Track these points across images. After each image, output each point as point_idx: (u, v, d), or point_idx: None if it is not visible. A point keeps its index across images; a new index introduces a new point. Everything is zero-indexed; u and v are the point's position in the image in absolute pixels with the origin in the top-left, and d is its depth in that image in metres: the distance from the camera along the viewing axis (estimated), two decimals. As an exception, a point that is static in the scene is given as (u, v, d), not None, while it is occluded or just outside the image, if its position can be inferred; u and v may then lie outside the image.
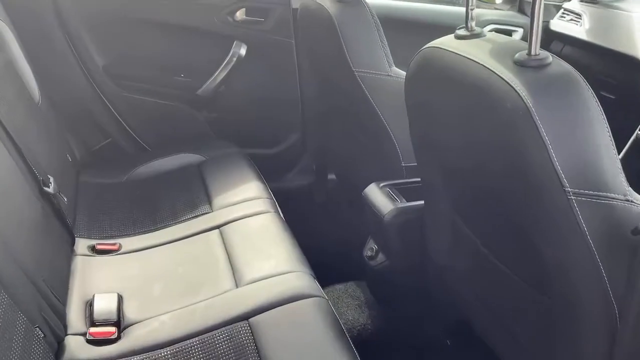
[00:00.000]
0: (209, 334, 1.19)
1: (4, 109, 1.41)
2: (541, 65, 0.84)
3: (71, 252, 1.47)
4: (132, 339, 1.21)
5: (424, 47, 1.07)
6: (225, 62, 2.10)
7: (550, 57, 0.85)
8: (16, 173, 1.31)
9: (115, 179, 1.88)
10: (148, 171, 1.91)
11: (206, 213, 1.65)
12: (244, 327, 1.20)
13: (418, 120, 1.19)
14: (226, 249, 1.47)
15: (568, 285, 0.89)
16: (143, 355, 1.16)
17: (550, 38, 2.20)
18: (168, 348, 1.17)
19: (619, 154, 0.86)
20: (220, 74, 2.11)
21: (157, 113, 2.14)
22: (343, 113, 1.84)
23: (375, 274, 1.57)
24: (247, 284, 1.32)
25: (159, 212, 1.68)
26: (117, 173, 1.90)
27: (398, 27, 2.18)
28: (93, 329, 1.22)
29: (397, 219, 1.43)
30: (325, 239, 1.90)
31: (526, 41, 0.87)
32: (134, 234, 1.59)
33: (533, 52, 0.85)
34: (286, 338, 1.18)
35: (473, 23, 1.02)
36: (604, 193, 0.80)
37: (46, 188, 1.40)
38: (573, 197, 0.79)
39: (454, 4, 2.48)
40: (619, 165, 0.82)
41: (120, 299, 1.31)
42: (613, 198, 0.80)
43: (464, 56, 0.94)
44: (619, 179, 0.81)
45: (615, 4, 2.05)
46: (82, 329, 1.23)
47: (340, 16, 1.54)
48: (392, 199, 1.48)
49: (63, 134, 1.92)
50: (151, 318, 1.26)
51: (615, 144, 0.83)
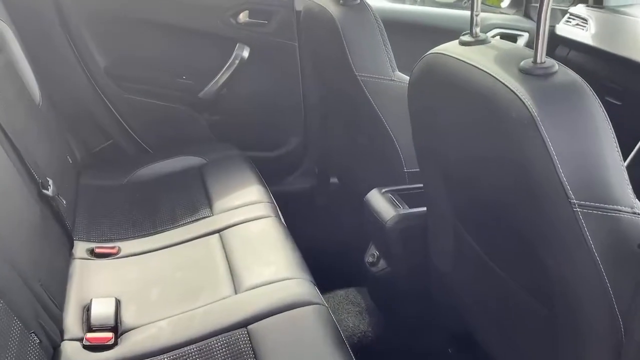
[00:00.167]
0: (207, 341, 1.17)
1: (3, 110, 1.40)
2: (547, 73, 0.82)
3: (69, 256, 1.46)
4: (129, 345, 1.19)
5: (428, 53, 1.05)
6: (227, 65, 2.08)
7: (556, 66, 0.84)
8: (14, 175, 1.30)
9: (115, 181, 1.86)
10: (149, 173, 1.90)
11: (206, 217, 1.64)
12: (243, 335, 1.18)
13: (421, 126, 1.18)
14: (226, 254, 1.46)
15: (572, 298, 0.88)
16: (140, 362, 1.15)
17: (555, 43, 2.18)
18: (165, 355, 1.15)
19: (625, 161, 0.84)
20: (222, 77, 2.09)
21: (159, 115, 2.13)
22: (345, 116, 1.82)
23: (376, 281, 1.56)
24: (247, 290, 1.31)
25: (159, 216, 1.67)
26: (118, 175, 1.89)
27: (402, 31, 2.17)
28: (90, 335, 1.20)
29: (399, 226, 1.41)
30: (326, 244, 1.88)
31: (531, 47, 0.85)
32: (134, 238, 1.58)
33: (539, 60, 0.83)
34: (284, 346, 1.16)
35: (478, 29, 1.00)
36: (611, 205, 0.78)
37: (45, 191, 1.39)
38: (579, 210, 0.78)
39: (459, 8, 2.46)
40: (626, 177, 0.80)
41: (118, 304, 1.30)
42: (620, 210, 0.79)
43: (468, 63, 0.92)
44: (626, 191, 0.80)
45: (621, 9, 2.03)
46: (79, 334, 1.21)
47: (343, 19, 1.53)
48: (394, 205, 1.46)
49: (63, 135, 1.91)
50: (149, 324, 1.25)
51: (620, 151, 0.81)
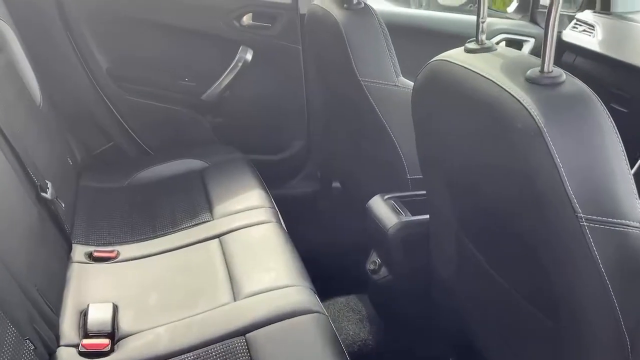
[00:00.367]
0: (205, 349, 1.16)
1: (3, 111, 1.39)
2: (554, 83, 0.80)
3: (67, 259, 1.45)
4: (126, 352, 1.18)
5: (432, 60, 1.03)
6: (230, 67, 2.07)
7: (563, 75, 0.82)
8: (12, 178, 1.28)
9: (116, 184, 1.85)
10: (149, 176, 1.89)
11: (207, 221, 1.62)
12: (241, 343, 1.16)
13: (424, 133, 1.16)
14: (225, 260, 1.44)
15: (578, 312, 0.86)
16: (136, 369, 1.13)
17: (562, 49, 2.16)
18: (162, 363, 1.14)
19: (632, 168, 0.82)
20: (225, 79, 2.08)
21: (161, 117, 2.12)
22: (349, 121, 1.80)
23: (377, 288, 1.54)
24: (246, 297, 1.29)
25: (159, 219, 1.65)
26: (118, 177, 1.87)
27: (407, 35, 2.15)
28: (86, 341, 1.19)
29: (401, 233, 1.39)
30: (327, 249, 1.87)
31: (538, 53, 0.83)
32: (133, 242, 1.56)
33: (546, 69, 0.81)
34: (283, 355, 1.14)
35: (484, 36, 0.98)
36: (618, 220, 0.76)
37: (43, 194, 1.37)
38: (585, 224, 0.76)
39: (465, 11, 2.44)
40: (635, 190, 0.78)
41: (115, 309, 1.28)
42: (628, 225, 0.76)
43: (474, 71, 0.90)
44: (635, 205, 0.77)
45: (629, 16, 2.01)
46: (75, 340, 1.20)
47: (347, 24, 1.51)
48: (397, 212, 1.44)
49: (64, 137, 1.90)
50: (146, 330, 1.23)
51: (627, 159, 0.79)
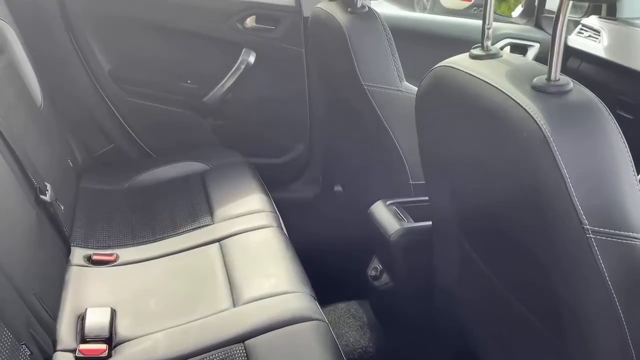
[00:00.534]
0: (203, 356, 1.14)
1: (3, 113, 1.38)
2: (561, 91, 0.79)
3: (66, 262, 1.43)
4: (123, 358, 1.16)
5: (437, 66, 1.02)
6: (233, 70, 2.06)
7: (571, 83, 0.80)
8: (11, 180, 1.27)
9: (116, 186, 1.84)
10: (150, 178, 1.88)
11: (207, 225, 1.61)
12: (239, 350, 1.15)
13: (428, 140, 1.14)
14: (225, 265, 1.43)
15: (583, 325, 0.84)
16: (133, 376, 1.12)
17: (567, 54, 2.14)
18: (159, 369, 1.13)
19: (638, 176, 0.80)
20: (227, 82, 2.07)
21: (162, 119, 2.10)
22: (351, 125, 1.79)
23: (378, 295, 1.52)
24: (245, 303, 1.28)
25: (159, 222, 1.64)
26: (119, 179, 1.86)
27: (411, 39, 2.14)
28: (83, 346, 1.18)
29: (403, 240, 1.38)
30: (328, 254, 1.85)
31: (543, 58, 0.81)
32: (132, 245, 1.55)
33: (553, 77, 0.80)
34: (282, 363, 1.13)
35: (489, 42, 0.97)
36: (626, 233, 0.74)
37: (42, 196, 1.36)
38: (592, 236, 0.74)
39: (469, 15, 2.42)
40: (643, 200, 0.76)
41: (113, 314, 1.27)
42: (635, 238, 0.75)
43: (479, 78, 0.89)
44: (643, 218, 0.76)
45: (635, 21, 1.99)
46: (72, 345, 1.18)
47: (351, 28, 1.50)
48: (399, 218, 1.43)
49: (65, 138, 1.88)
50: (144, 336, 1.22)
51: (635, 168, 0.77)
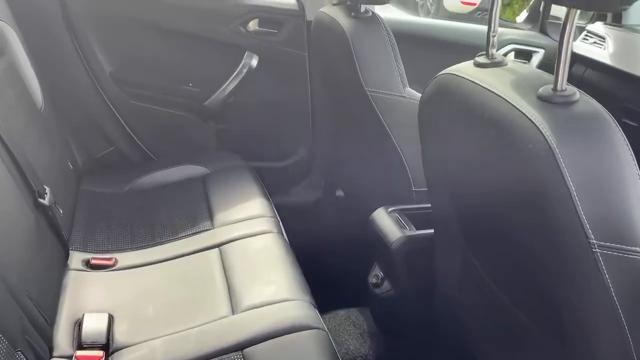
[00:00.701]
0: (201, 364, 1.13)
1: (2, 115, 1.37)
2: (567, 102, 0.77)
3: (64, 267, 1.42)
4: (120, 365, 1.15)
5: (441, 73, 1.00)
6: (235, 73, 2.04)
7: (577, 94, 0.79)
8: (9, 183, 1.26)
9: (116, 189, 1.83)
10: (151, 182, 1.86)
11: (207, 230, 1.59)
12: (238, 359, 1.13)
13: (431, 147, 1.13)
14: (225, 271, 1.41)
15: (586, 337, 0.82)
16: (130, 383, 1.10)
17: (572, 61, 2.12)
18: (157, 377, 1.11)
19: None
20: (229, 85, 2.05)
21: (164, 122, 2.09)
22: (354, 130, 1.78)
23: (379, 303, 1.50)
24: (244, 311, 1.26)
25: (159, 227, 1.62)
26: (119, 182, 1.85)
27: (415, 44, 2.13)
28: (79, 352, 1.16)
29: (405, 248, 1.36)
30: (329, 259, 1.83)
31: (547, 64, 0.80)
32: (131, 249, 1.54)
33: (559, 87, 0.78)
34: (281, 373, 1.11)
35: (494, 50, 0.95)
36: (633, 248, 0.72)
37: (41, 200, 1.35)
38: (598, 250, 0.72)
39: (473, 19, 2.41)
40: (651, 216, 0.74)
41: (111, 320, 1.25)
42: (643, 253, 0.73)
43: (483, 86, 0.87)
44: (651, 232, 0.74)
45: (640, 28, 1.98)
46: (69, 352, 1.17)
47: (354, 33, 1.48)
48: (401, 226, 1.41)
49: (65, 141, 1.87)
50: (142, 342, 1.20)
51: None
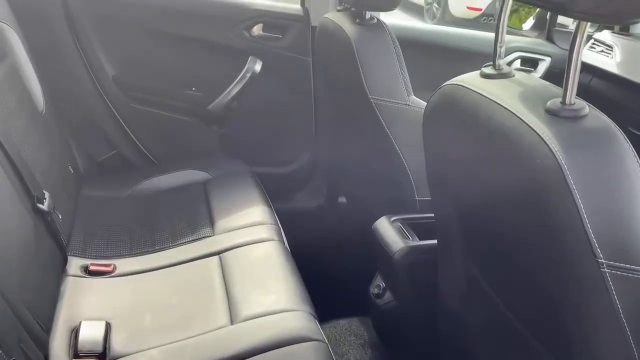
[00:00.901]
0: (198, 376, 1.11)
1: (2, 119, 1.35)
2: (576, 116, 0.75)
3: (62, 273, 1.40)
4: (117, 375, 1.13)
5: (446, 84, 0.98)
6: (239, 78, 2.03)
7: (586, 108, 0.77)
8: (8, 188, 1.24)
9: (117, 193, 1.81)
10: (152, 186, 1.85)
11: (207, 236, 1.58)
12: (236, 370, 1.12)
13: (435, 158, 1.11)
14: (224, 279, 1.39)
15: (593, 358, 0.80)
16: (126, 394, 1.09)
17: (578, 69, 2.10)
18: (153, 388, 1.09)
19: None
20: (233, 90, 2.04)
21: (166, 126, 2.08)
22: (357, 138, 1.76)
23: (381, 313, 1.48)
24: (243, 321, 1.24)
25: (159, 232, 1.61)
26: (120, 187, 1.84)
27: (420, 51, 2.11)
28: (75, 361, 1.15)
29: (408, 258, 1.34)
30: (330, 267, 1.82)
31: (553, 73, 0.78)
32: (131, 255, 1.52)
33: (568, 101, 0.76)
34: (279, 386, 1.09)
35: (501, 61, 0.93)
36: (643, 268, 0.71)
37: (40, 205, 1.33)
38: (607, 270, 0.70)
39: (479, 24, 2.39)
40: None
41: (108, 328, 1.24)
42: (653, 274, 0.71)
43: (490, 99, 0.85)
44: (661, 252, 0.72)
45: (649, 38, 1.96)
46: (65, 360, 1.15)
47: (358, 40, 1.47)
48: (404, 236, 1.39)
49: (67, 144, 1.86)
50: (139, 352, 1.19)
51: None
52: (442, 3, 6.85)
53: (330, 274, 1.75)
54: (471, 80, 0.94)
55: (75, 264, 1.45)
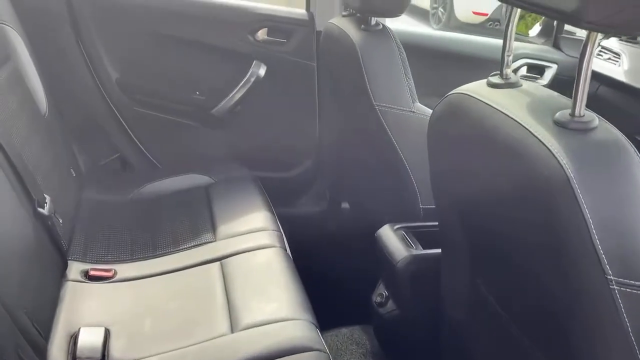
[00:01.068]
0: (197, 385, 1.10)
1: (4, 122, 1.34)
2: (586, 129, 0.74)
3: (62, 278, 1.39)
4: (115, 382, 1.12)
5: (452, 93, 0.97)
6: (243, 82, 2.02)
7: (596, 120, 0.75)
8: (8, 192, 1.23)
9: (119, 197, 1.80)
10: (154, 190, 1.84)
11: (209, 242, 1.56)
12: (235, 380, 1.10)
13: (439, 167, 1.09)
14: (225, 286, 1.38)
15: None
16: (124, 403, 1.07)
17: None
18: (151, 397, 1.08)
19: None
20: (237, 94, 2.03)
21: (169, 130, 2.07)
22: (361, 144, 1.75)
23: (383, 322, 1.47)
24: (243, 329, 1.23)
25: (160, 237, 1.59)
26: (122, 190, 1.83)
27: (425, 56, 2.10)
28: (74, 368, 1.13)
29: (411, 267, 1.33)
30: (332, 274, 1.80)
31: (560, 80, 0.77)
32: (131, 260, 1.51)
33: (577, 113, 0.75)
34: (279, 397, 1.08)
35: (509, 70, 0.92)
36: (654, 286, 0.69)
37: (40, 209, 1.32)
38: (616, 287, 0.68)
39: (485, 29, 2.38)
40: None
41: (107, 334, 1.22)
42: (663, 292, 0.69)
43: (497, 109, 0.84)
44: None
45: (657, 45, 1.94)
46: (63, 367, 1.14)
47: (364, 46, 1.45)
48: (407, 245, 1.38)
49: (69, 147, 1.85)
50: (138, 359, 1.17)
51: None
52: (448, 7, 6.84)
53: (332, 281, 1.73)
54: (478, 89, 0.92)
55: (75, 269, 1.43)
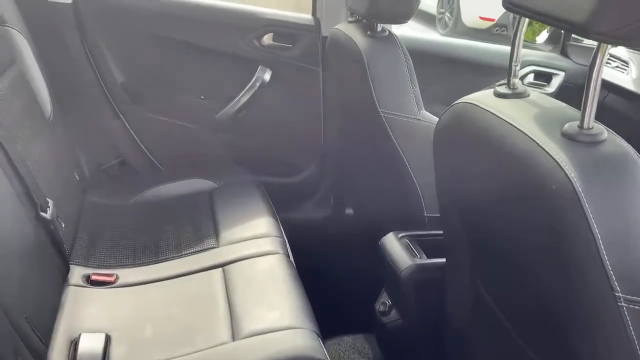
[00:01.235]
0: (197, 394, 1.09)
1: (8, 126, 1.34)
2: (594, 141, 0.72)
3: (63, 282, 1.39)
4: (115, 390, 1.11)
5: (458, 102, 0.96)
6: (248, 87, 2.01)
7: (605, 133, 0.74)
8: (11, 196, 1.23)
9: (122, 201, 1.80)
10: (157, 195, 1.83)
11: (212, 248, 1.55)
12: (236, 389, 1.09)
13: (444, 176, 1.08)
14: (227, 293, 1.37)
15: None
16: (123, 411, 1.06)
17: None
18: (151, 405, 1.07)
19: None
20: (241, 99, 2.02)
21: (173, 134, 2.06)
22: (365, 151, 1.74)
23: (386, 331, 1.45)
24: (245, 338, 1.22)
25: (163, 243, 1.59)
26: (126, 194, 1.82)
27: (432, 63, 2.09)
28: (73, 375, 1.13)
29: (415, 276, 1.31)
30: (335, 281, 1.79)
31: (567, 87, 0.75)
32: (133, 265, 1.50)
33: (586, 125, 0.73)
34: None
35: (516, 80, 0.91)
36: (663, 304, 0.67)
37: (43, 213, 1.32)
38: (624, 304, 0.67)
39: (491, 35, 2.36)
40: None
41: (108, 340, 1.22)
42: (673, 309, 0.68)
43: (504, 119, 0.83)
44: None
45: (666, 54, 1.92)
46: (62, 374, 1.13)
47: (369, 52, 1.44)
48: (411, 253, 1.36)
49: (73, 150, 1.85)
50: (138, 367, 1.17)
51: None
52: (455, 13, 6.82)
53: (335, 288, 1.72)
54: (484, 99, 0.91)
55: (77, 273, 1.43)
